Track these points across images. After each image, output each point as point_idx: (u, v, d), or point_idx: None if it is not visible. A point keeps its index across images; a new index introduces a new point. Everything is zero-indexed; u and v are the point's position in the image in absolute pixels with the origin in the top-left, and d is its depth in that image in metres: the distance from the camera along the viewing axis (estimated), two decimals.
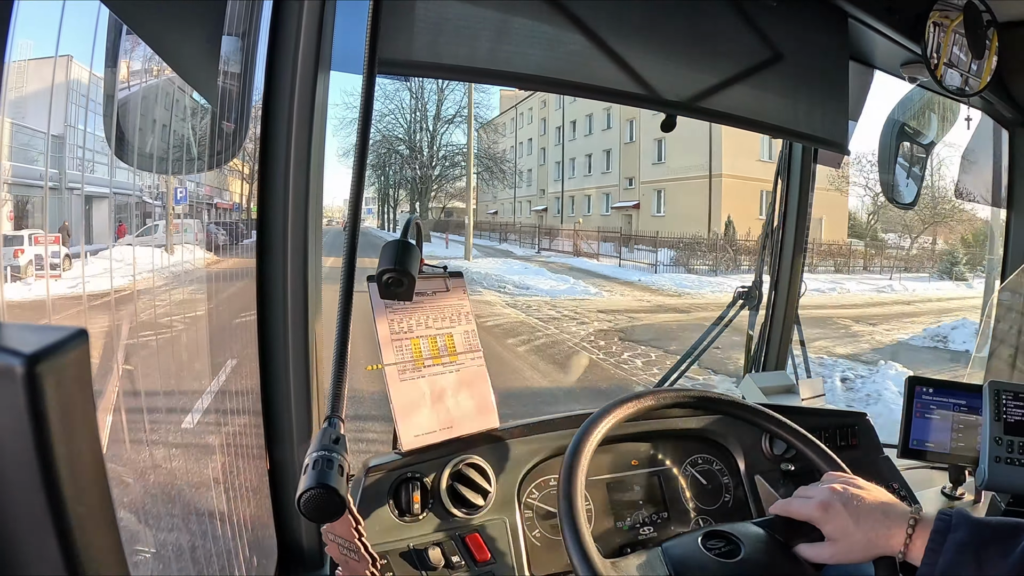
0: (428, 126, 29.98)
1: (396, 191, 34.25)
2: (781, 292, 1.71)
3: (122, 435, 0.80)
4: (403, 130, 29.71)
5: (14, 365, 0.29)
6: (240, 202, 1.54)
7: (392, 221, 35.20)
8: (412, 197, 32.49)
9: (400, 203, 35.21)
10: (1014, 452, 1.14)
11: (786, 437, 0.94)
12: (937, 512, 0.75)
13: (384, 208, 36.25)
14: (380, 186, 34.19)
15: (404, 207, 34.85)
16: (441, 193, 33.77)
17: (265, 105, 0.92)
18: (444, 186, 32.75)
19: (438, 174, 30.14)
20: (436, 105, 29.99)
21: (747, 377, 1.65)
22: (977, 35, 1.40)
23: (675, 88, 1.16)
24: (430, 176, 28.15)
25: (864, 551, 0.76)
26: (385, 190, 34.80)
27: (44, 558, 0.32)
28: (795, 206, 1.69)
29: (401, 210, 34.99)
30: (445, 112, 29.89)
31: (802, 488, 0.85)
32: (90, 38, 0.78)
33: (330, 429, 0.67)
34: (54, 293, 0.83)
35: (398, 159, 30.83)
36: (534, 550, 1.02)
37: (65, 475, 0.32)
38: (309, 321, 0.97)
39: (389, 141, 29.42)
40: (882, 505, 0.78)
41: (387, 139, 29.28)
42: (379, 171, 31.79)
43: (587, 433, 0.84)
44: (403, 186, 33.14)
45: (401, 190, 34.24)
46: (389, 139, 29.34)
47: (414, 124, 29.85)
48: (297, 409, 0.98)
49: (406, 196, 33.97)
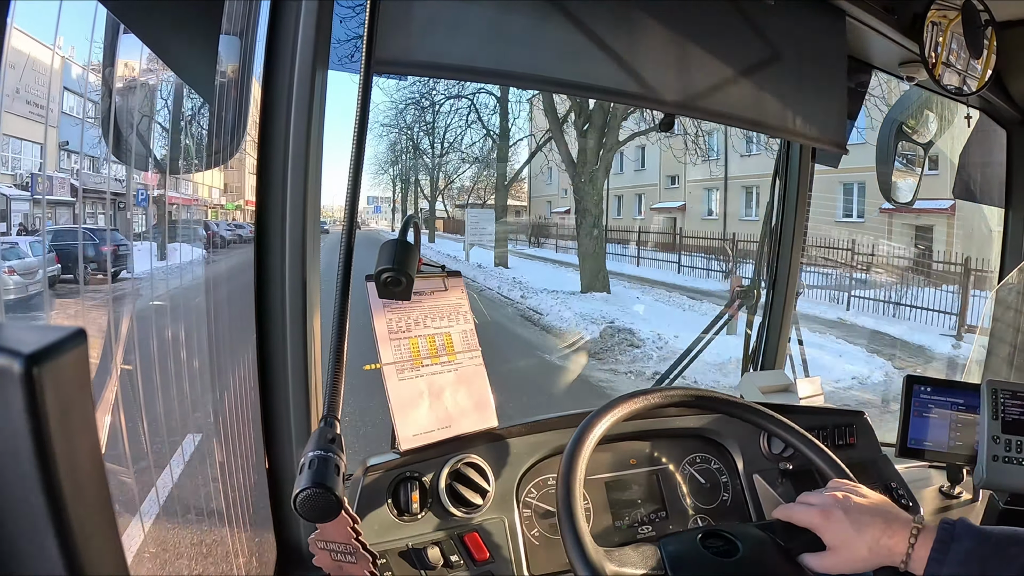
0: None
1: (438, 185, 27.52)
2: (779, 291, 1.71)
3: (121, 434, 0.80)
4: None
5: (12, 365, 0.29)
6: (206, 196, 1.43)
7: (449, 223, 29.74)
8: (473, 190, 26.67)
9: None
10: (1012, 451, 1.14)
11: (792, 441, 0.94)
12: (940, 521, 0.75)
13: (404, 205, 30.10)
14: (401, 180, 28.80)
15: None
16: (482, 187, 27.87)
17: (263, 104, 0.92)
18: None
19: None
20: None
21: (745, 376, 1.65)
22: (975, 34, 1.40)
23: (673, 87, 1.16)
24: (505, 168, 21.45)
25: (866, 561, 0.76)
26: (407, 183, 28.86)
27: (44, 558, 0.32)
28: (793, 206, 1.69)
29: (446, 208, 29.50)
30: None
31: (805, 494, 0.85)
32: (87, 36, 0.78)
33: (326, 429, 0.67)
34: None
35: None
36: (533, 549, 1.02)
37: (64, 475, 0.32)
38: (307, 321, 0.97)
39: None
40: (884, 514, 0.77)
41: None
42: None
43: (586, 432, 0.84)
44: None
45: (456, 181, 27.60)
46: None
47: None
48: (296, 409, 0.98)
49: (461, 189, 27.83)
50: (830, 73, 1.36)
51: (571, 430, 0.85)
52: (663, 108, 1.18)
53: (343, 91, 2.05)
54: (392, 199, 30.45)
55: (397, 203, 30.64)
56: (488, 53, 1.01)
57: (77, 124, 0.83)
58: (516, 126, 22.12)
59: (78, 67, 0.85)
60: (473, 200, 26.90)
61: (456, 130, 23.47)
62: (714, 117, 1.24)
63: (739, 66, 1.22)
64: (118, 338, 0.85)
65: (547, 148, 18.35)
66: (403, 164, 27.57)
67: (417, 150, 25.69)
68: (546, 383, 6.91)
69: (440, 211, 32.56)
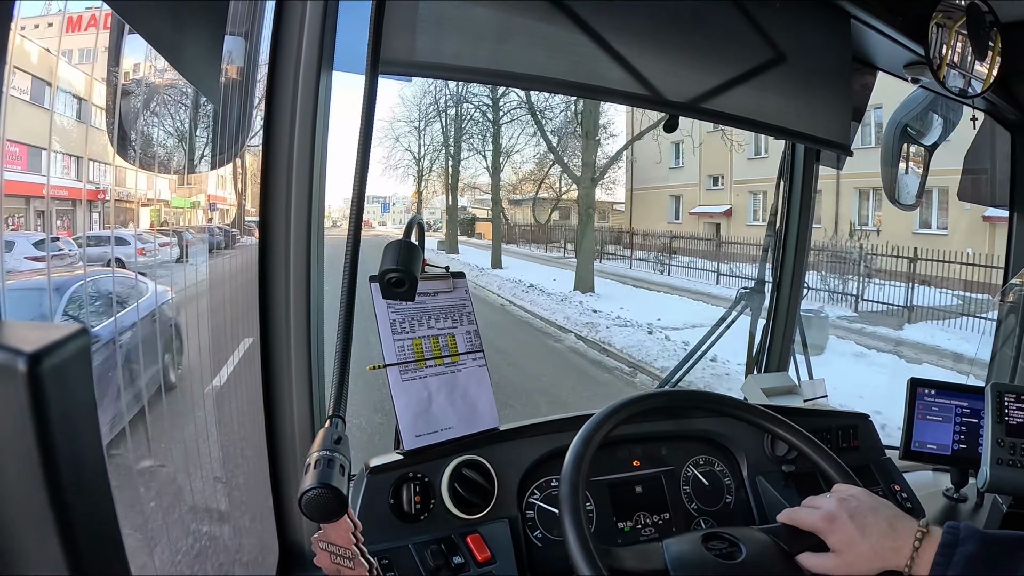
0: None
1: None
2: (783, 293, 1.71)
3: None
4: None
5: (16, 363, 0.29)
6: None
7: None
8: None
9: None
10: (1016, 454, 1.13)
11: (795, 444, 0.94)
12: (945, 525, 0.74)
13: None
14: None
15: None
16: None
17: (268, 105, 0.92)
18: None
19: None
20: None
21: (749, 378, 1.65)
22: (980, 36, 1.39)
23: (678, 89, 1.16)
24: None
25: (869, 564, 0.75)
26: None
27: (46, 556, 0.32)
28: (797, 207, 1.68)
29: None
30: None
31: (810, 498, 0.85)
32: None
33: (332, 429, 0.67)
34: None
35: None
36: (535, 551, 1.02)
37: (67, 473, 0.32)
38: (312, 321, 0.97)
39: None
40: (889, 518, 0.77)
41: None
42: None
43: (589, 433, 0.84)
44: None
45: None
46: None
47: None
48: (299, 409, 0.98)
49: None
50: (835, 75, 1.36)
51: (574, 432, 0.85)
52: (667, 109, 1.18)
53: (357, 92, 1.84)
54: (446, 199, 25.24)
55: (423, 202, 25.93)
56: (493, 54, 1.01)
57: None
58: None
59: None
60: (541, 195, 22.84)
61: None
62: (718, 118, 1.24)
63: (743, 67, 1.22)
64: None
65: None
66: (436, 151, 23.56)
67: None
68: None
69: (477, 208, 27.36)
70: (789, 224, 1.70)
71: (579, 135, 16.64)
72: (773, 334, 1.72)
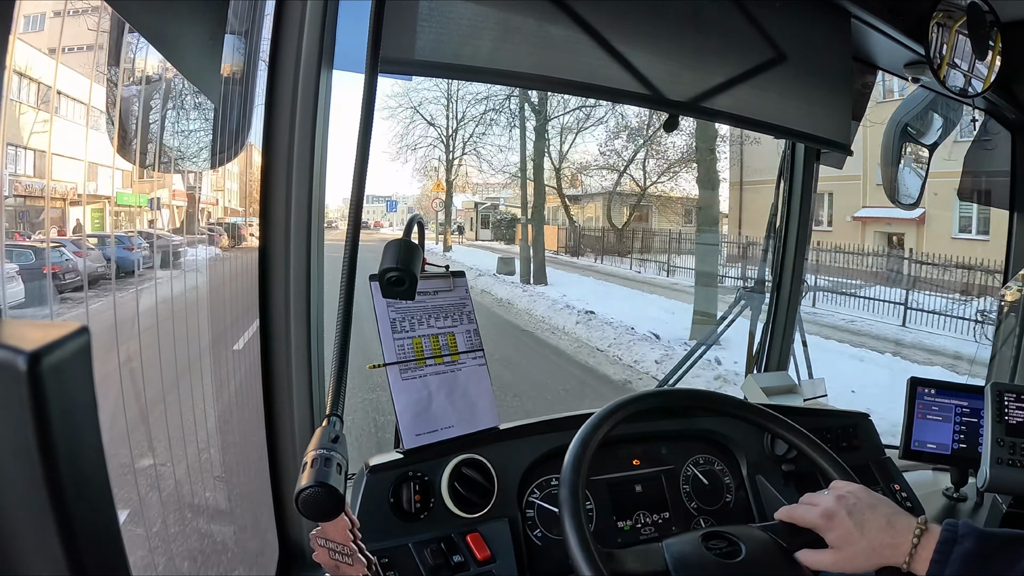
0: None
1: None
2: (783, 292, 1.71)
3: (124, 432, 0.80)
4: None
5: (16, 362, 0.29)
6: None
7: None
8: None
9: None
10: (1016, 454, 1.13)
11: (795, 443, 0.94)
12: (943, 522, 0.74)
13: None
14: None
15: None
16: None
17: (268, 104, 0.92)
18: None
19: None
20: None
21: (749, 377, 1.65)
22: (980, 36, 1.39)
23: (679, 88, 1.16)
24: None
25: (867, 560, 0.75)
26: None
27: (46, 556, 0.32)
28: (797, 207, 1.68)
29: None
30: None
31: (808, 495, 0.85)
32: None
33: (329, 428, 0.67)
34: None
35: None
36: (535, 550, 1.02)
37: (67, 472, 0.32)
38: (311, 320, 0.97)
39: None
40: (887, 515, 0.77)
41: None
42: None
43: (589, 432, 0.84)
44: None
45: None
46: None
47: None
48: (299, 408, 0.98)
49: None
50: (835, 74, 1.36)
51: (574, 431, 0.85)
52: (667, 108, 1.18)
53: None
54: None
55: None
56: (493, 53, 1.01)
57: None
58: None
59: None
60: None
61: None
62: (719, 118, 1.24)
63: (744, 66, 1.22)
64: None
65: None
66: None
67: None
68: None
69: (504, 202, 21.02)
70: (789, 224, 1.70)
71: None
72: (773, 334, 1.72)
